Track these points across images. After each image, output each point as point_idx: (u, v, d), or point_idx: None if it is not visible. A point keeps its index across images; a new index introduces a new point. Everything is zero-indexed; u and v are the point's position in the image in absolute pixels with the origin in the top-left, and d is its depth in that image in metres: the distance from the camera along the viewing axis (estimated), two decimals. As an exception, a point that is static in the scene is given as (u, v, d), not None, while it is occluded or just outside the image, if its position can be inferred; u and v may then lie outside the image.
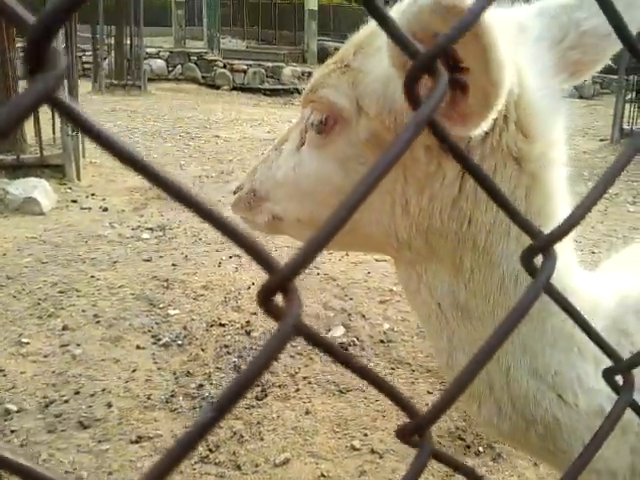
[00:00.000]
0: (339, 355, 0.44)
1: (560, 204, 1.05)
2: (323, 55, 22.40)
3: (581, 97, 23.12)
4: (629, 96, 10.47)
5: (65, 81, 5.55)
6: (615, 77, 14.07)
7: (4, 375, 3.12)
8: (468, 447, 2.81)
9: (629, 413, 1.11)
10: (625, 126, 10.70)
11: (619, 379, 0.59)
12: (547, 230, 1.04)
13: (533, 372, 1.08)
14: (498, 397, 1.11)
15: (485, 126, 0.82)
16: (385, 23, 0.38)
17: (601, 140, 12.17)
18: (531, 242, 0.46)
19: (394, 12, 0.84)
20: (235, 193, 1.37)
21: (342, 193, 1.09)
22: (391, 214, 1.04)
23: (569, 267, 1.11)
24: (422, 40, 0.79)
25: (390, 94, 0.97)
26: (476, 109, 0.79)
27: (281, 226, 1.28)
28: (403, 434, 0.48)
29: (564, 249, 1.10)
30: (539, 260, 0.46)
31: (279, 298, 0.40)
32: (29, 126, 7.12)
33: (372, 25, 1.09)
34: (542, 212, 1.02)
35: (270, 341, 0.38)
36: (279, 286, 0.38)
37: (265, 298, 0.38)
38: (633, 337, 1.14)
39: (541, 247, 0.45)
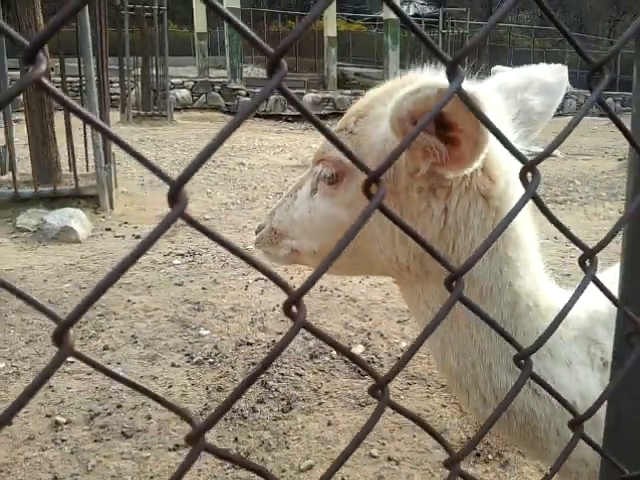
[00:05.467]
0: (338, 347, 0.70)
1: (523, 233, 1.32)
2: (343, 80, 22.87)
3: (602, 115, 23.24)
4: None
5: (97, 115, 5.91)
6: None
7: (52, 391, 3.42)
8: (478, 455, 3.03)
9: (603, 409, 1.35)
10: (642, 145, 10.78)
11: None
12: (514, 254, 1.31)
13: (510, 369, 1.34)
14: (482, 390, 1.37)
15: (476, 165, 1.11)
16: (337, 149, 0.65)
17: (619, 159, 12.29)
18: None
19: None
20: (257, 232, 1.61)
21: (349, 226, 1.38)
22: (392, 244, 1.31)
23: (539, 286, 1.37)
24: (413, 118, 1.09)
25: (387, 152, 1.24)
26: (469, 154, 1.08)
27: (298, 258, 1.53)
28: (371, 390, 0.73)
29: (533, 271, 1.36)
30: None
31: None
32: (64, 159, 7.55)
33: (368, 96, 1.38)
34: (506, 240, 1.29)
35: (287, 333, 0.65)
36: (293, 301, 0.65)
37: (286, 309, 0.65)
38: (603, 345, 1.40)
39: (454, 276, 0.72)
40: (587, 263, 0.80)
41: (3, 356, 3.78)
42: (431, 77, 1.12)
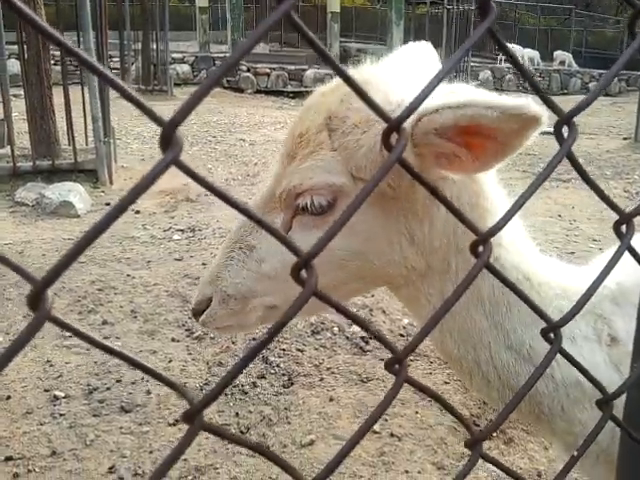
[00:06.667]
0: (346, 313, 0.65)
1: (497, 201, 1.28)
2: (345, 57, 22.60)
3: (607, 94, 23.00)
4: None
5: (96, 89, 5.81)
6: None
7: (51, 365, 3.39)
8: (481, 432, 3.00)
9: (610, 388, 1.31)
10: (648, 124, 10.68)
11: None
12: (487, 225, 1.26)
13: (508, 346, 1.31)
14: (485, 371, 1.33)
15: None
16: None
17: (625, 139, 12.18)
18: (475, 237, 0.67)
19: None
20: (197, 312, 1.30)
21: (353, 254, 1.23)
22: (400, 251, 1.23)
23: (527, 258, 1.32)
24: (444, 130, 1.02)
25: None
26: (495, 159, 1.04)
27: (277, 312, 1.30)
28: (387, 365, 0.67)
29: (517, 241, 1.31)
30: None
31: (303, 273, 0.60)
32: (63, 133, 7.46)
33: (323, 104, 1.24)
34: (485, 211, 1.25)
35: (296, 300, 0.59)
36: (304, 264, 0.59)
37: (295, 273, 0.59)
38: (610, 321, 1.35)
39: (482, 240, 0.66)
40: (623, 229, 0.73)
41: (1, 330, 3.74)
42: (477, 93, 1.06)
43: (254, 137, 10.82)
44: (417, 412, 3.11)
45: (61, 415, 3.00)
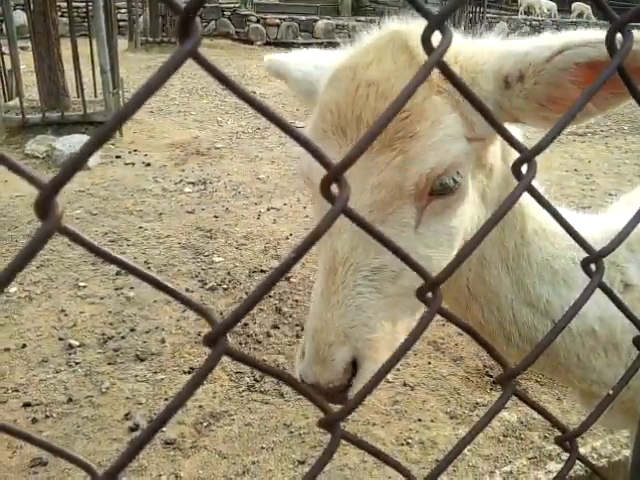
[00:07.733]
0: (368, 228, 0.61)
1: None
2: (357, 7, 22.07)
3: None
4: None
5: (104, 40, 5.68)
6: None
7: (65, 315, 3.40)
8: (494, 383, 3.00)
9: (623, 334, 1.29)
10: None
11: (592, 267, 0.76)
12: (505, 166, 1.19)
13: (528, 303, 1.28)
14: (507, 330, 1.30)
15: None
16: None
17: (643, 92, 11.93)
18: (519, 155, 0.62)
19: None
20: (337, 390, 0.98)
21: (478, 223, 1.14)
22: (475, 209, 1.13)
23: (541, 210, 1.25)
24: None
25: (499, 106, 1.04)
26: (616, 105, 0.97)
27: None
28: (420, 293, 0.64)
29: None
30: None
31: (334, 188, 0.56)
32: (72, 85, 7.36)
33: (408, 73, 1.05)
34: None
35: (327, 215, 0.54)
36: (334, 177, 0.54)
37: (325, 187, 0.54)
38: (623, 268, 1.33)
39: (526, 158, 0.61)
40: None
41: (15, 281, 3.74)
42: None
43: (264, 90, 10.66)
44: (430, 363, 3.11)
45: (76, 363, 3.02)
